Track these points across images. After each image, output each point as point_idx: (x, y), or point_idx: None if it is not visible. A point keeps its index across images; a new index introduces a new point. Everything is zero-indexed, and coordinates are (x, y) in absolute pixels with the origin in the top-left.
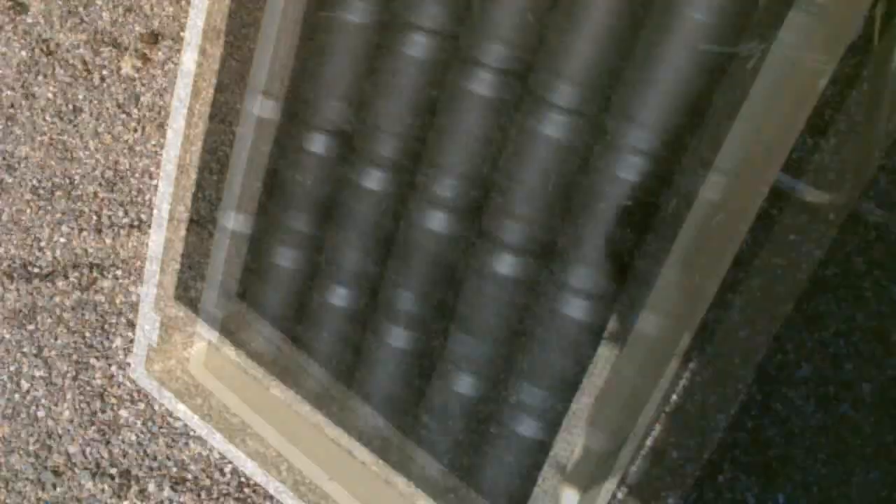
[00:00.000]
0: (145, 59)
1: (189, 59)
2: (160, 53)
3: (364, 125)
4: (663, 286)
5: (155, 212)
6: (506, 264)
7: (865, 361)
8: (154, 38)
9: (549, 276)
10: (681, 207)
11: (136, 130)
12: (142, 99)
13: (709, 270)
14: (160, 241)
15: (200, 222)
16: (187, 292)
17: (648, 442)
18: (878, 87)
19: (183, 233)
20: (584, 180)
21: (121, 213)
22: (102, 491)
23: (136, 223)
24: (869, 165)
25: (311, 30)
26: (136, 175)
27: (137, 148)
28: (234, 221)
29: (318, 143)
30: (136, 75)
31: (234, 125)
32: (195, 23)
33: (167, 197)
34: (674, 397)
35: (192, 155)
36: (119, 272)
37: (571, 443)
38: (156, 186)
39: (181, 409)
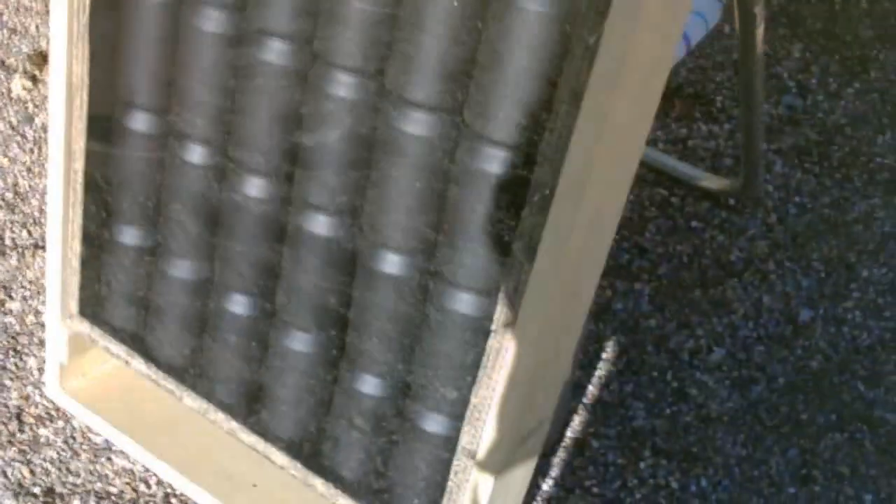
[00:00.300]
0: (35, 79)
1: (58, 76)
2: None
3: (232, 134)
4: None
5: (47, 230)
6: (390, 263)
7: (775, 343)
8: (42, 58)
9: (432, 271)
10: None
11: (32, 151)
12: (35, 120)
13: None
14: (56, 259)
15: (95, 238)
16: (92, 307)
17: (569, 433)
18: (749, 68)
19: (78, 249)
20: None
21: (24, 235)
22: None
23: (41, 243)
24: (757, 149)
25: (174, 41)
26: (38, 195)
27: (36, 169)
28: (125, 234)
29: (195, 153)
30: (28, 96)
31: (114, 139)
32: (58, 41)
33: (57, 214)
34: (590, 388)
35: (76, 172)
36: (27, 293)
37: (477, 435)
38: None
39: (100, 424)
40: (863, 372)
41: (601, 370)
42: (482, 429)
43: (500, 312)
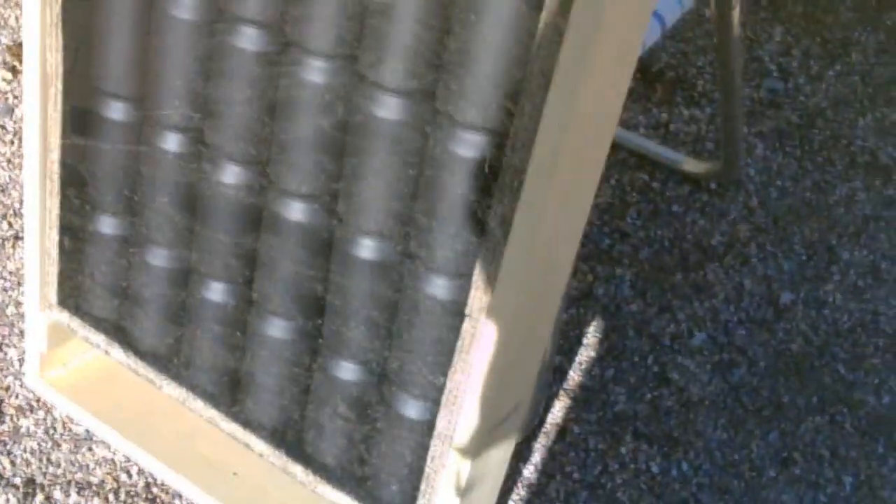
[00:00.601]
0: (14, 71)
1: (32, 66)
2: None
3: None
4: (513, 254)
5: (25, 220)
6: (367, 249)
7: (756, 326)
8: (22, 49)
9: (409, 255)
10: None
11: (12, 143)
12: (16, 111)
13: (560, 234)
14: (34, 250)
15: (73, 228)
16: (71, 297)
17: (549, 418)
18: (727, 52)
19: (56, 239)
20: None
21: (5, 226)
22: (7, 501)
23: (21, 234)
24: (738, 133)
25: (147, 28)
26: (18, 187)
27: (16, 160)
28: (104, 224)
29: (171, 141)
30: (8, 88)
31: (90, 129)
32: (31, 31)
33: (35, 204)
34: (571, 373)
35: (53, 162)
36: (7, 284)
37: (453, 420)
38: None
39: (80, 414)
40: (843, 354)
41: (582, 355)
42: (458, 413)
43: (475, 296)
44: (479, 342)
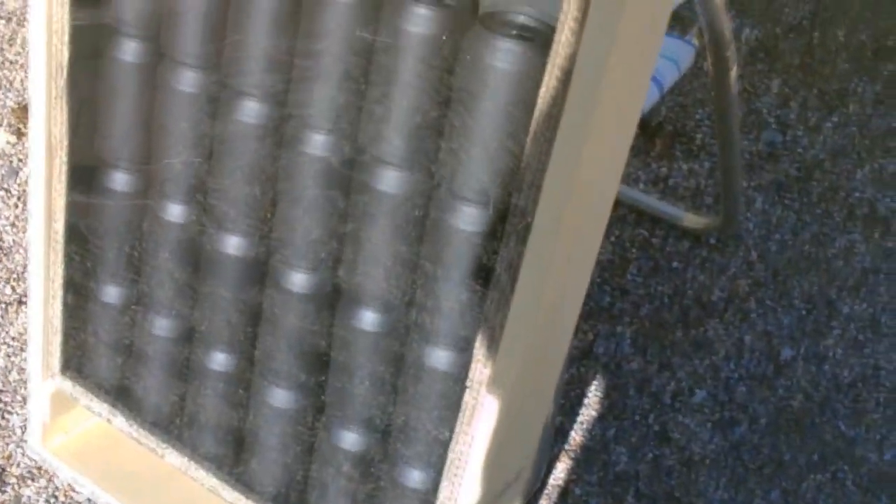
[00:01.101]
0: (20, 133)
1: (38, 136)
2: None
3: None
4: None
5: (29, 290)
6: (368, 320)
7: (757, 382)
8: (27, 112)
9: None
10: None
11: (16, 206)
12: (20, 174)
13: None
14: (38, 318)
15: (77, 295)
16: (74, 359)
17: (551, 480)
18: (725, 110)
19: (59, 308)
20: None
21: (8, 290)
22: None
23: (24, 299)
24: (737, 188)
25: (150, 100)
26: (22, 250)
27: (20, 223)
28: (107, 288)
29: (174, 212)
30: (12, 150)
31: (94, 197)
32: (37, 102)
33: (39, 274)
34: (572, 433)
35: (57, 232)
36: (10, 349)
37: (455, 491)
38: None
39: (82, 482)
40: (844, 410)
41: (583, 415)
42: (459, 484)
43: (475, 368)
44: (481, 413)
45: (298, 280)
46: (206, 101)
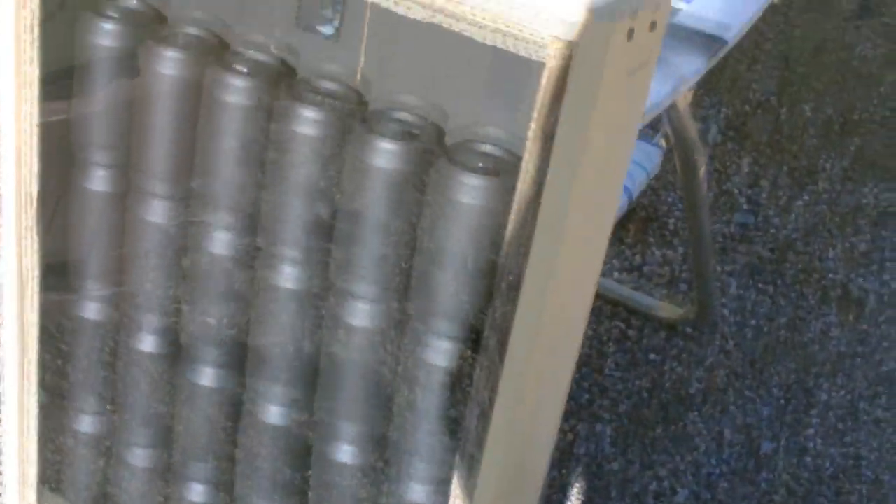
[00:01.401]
0: None
1: (11, 269)
2: None
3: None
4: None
5: (3, 408)
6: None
7: (738, 478)
8: None
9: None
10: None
11: None
12: None
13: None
14: (14, 440)
15: (52, 416)
16: (55, 484)
17: None
18: (695, 207)
19: (35, 440)
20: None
21: None
22: None
23: None
24: (710, 280)
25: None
26: None
27: None
28: (83, 423)
29: (146, 343)
30: None
31: (67, 328)
32: (8, 234)
33: (14, 394)
34: None
35: (30, 363)
36: None
37: None
38: None
39: None
40: None
41: None
42: None
43: None
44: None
45: (274, 413)
46: (178, 236)
